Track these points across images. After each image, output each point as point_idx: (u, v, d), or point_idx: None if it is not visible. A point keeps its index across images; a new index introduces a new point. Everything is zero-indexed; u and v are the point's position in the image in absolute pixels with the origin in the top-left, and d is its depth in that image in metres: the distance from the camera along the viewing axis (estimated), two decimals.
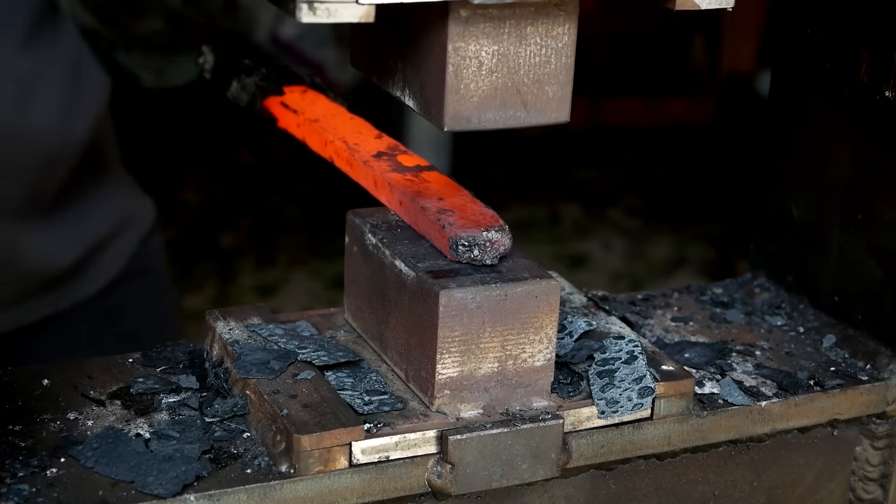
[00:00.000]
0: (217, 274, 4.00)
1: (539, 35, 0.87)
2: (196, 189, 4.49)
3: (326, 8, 0.77)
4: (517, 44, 0.86)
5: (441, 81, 0.86)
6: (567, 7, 0.86)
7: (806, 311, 1.17)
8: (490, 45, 0.86)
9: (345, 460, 0.88)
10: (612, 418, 0.96)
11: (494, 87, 0.87)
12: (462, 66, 0.85)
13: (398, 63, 0.91)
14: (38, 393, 0.96)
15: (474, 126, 0.88)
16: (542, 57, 0.87)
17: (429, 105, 0.88)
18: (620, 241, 4.39)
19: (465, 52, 0.85)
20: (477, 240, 0.93)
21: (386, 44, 0.90)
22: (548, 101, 0.89)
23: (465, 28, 0.84)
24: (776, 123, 1.19)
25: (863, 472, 1.09)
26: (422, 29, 0.86)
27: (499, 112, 0.88)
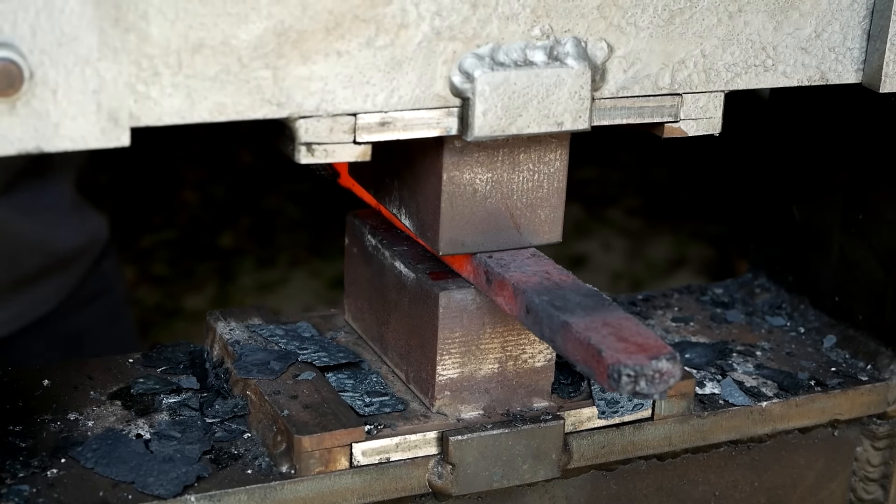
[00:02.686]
0: (217, 274, 4.00)
1: (532, 162, 0.89)
2: (196, 189, 4.49)
3: (324, 149, 0.79)
4: (510, 171, 0.89)
5: (436, 208, 0.88)
6: (559, 135, 0.88)
7: (806, 312, 1.17)
8: (484, 172, 0.88)
9: (345, 461, 0.88)
10: (613, 419, 0.96)
11: (488, 213, 0.89)
12: (456, 194, 0.87)
13: (395, 182, 0.93)
14: (39, 393, 0.96)
15: (469, 249, 0.89)
16: (535, 182, 0.90)
17: (424, 228, 0.90)
18: (620, 241, 4.39)
19: (459, 179, 0.87)
20: (644, 370, 0.76)
21: (384, 163, 0.92)
22: (540, 224, 0.91)
23: (459, 157, 0.86)
24: (776, 124, 1.19)
25: (863, 473, 1.09)
26: (418, 155, 0.88)
27: (493, 236, 0.90)
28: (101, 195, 4.31)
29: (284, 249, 4.17)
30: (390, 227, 1.00)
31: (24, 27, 0.68)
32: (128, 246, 4.05)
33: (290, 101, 0.77)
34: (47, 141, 0.70)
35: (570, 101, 0.83)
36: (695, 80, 0.88)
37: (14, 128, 0.69)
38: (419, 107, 0.80)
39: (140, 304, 3.79)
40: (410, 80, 0.79)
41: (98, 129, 0.71)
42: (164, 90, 0.73)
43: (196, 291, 3.88)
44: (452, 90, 0.81)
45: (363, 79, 0.78)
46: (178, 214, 4.34)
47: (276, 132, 0.80)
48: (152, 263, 4.03)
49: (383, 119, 0.80)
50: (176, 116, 0.74)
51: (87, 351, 1.56)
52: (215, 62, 0.74)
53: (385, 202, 0.95)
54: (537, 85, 0.82)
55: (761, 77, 0.90)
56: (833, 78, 0.92)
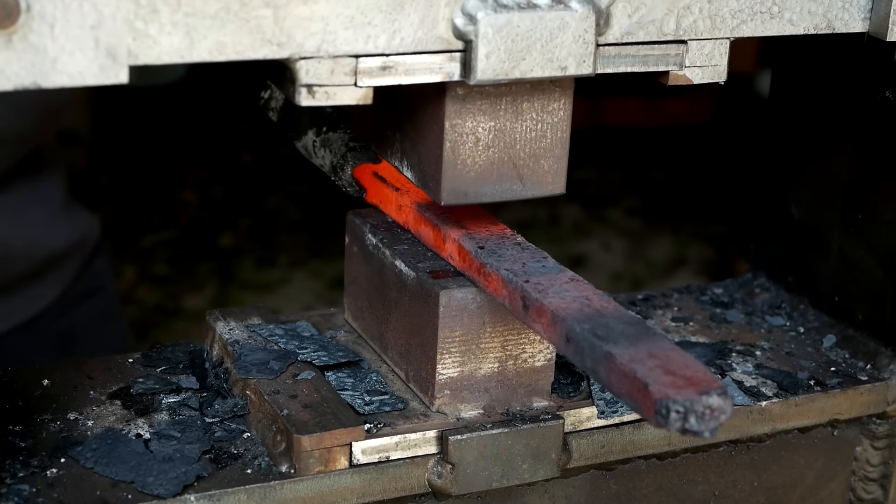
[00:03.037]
0: (217, 274, 4.00)
1: (535, 110, 0.88)
2: (196, 189, 4.50)
3: (325, 91, 0.78)
4: (513, 119, 0.88)
5: (438, 157, 0.87)
6: (562, 83, 0.88)
7: (806, 311, 1.17)
8: (487, 121, 0.87)
9: (345, 460, 0.88)
10: (613, 418, 0.96)
11: (491, 162, 0.88)
12: (459, 143, 0.87)
13: (396, 134, 0.92)
14: (39, 393, 0.96)
15: (471, 200, 0.89)
16: (538, 132, 0.89)
17: (426, 178, 0.89)
18: (620, 241, 4.39)
19: (461, 128, 0.87)
20: (694, 406, 0.71)
21: (385, 115, 0.92)
22: (544, 175, 0.90)
23: (461, 105, 0.86)
24: (776, 123, 1.19)
25: (863, 473, 1.09)
26: (419, 104, 0.88)
27: (495, 186, 0.89)
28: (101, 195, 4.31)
29: (284, 249, 4.17)
30: (391, 226, 1.00)
31: None
32: (128, 246, 4.05)
33: (290, 41, 0.76)
34: (45, 76, 0.70)
35: (574, 45, 0.82)
36: (700, 27, 0.87)
37: (11, 62, 0.68)
38: (421, 50, 0.79)
39: (140, 304, 3.80)
40: (412, 21, 0.78)
41: (96, 66, 0.71)
42: (162, 28, 0.72)
43: (196, 291, 3.88)
44: (455, 32, 0.79)
45: (365, 19, 0.77)
46: (178, 214, 4.34)
47: (276, 74, 0.80)
48: (152, 263, 4.03)
49: (385, 63, 0.79)
50: (175, 55, 0.73)
51: (81, 350, 1.56)
52: (215, 0, 0.73)
53: (387, 155, 0.93)
54: (541, 28, 0.81)
55: (767, 24, 0.89)
56: (840, 26, 0.91)
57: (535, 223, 4.32)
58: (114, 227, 4.12)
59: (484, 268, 0.89)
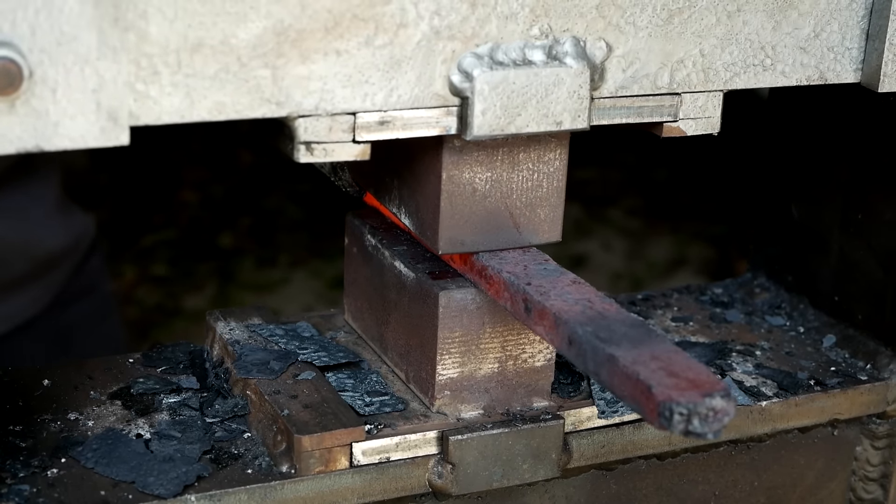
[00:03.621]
0: (217, 274, 4.00)
1: (531, 161, 0.89)
2: (196, 189, 4.49)
3: (324, 148, 0.79)
4: (510, 170, 0.89)
5: (436, 207, 0.88)
6: (558, 134, 0.88)
7: (806, 311, 1.17)
8: (483, 171, 0.88)
9: (345, 461, 0.88)
10: (613, 418, 0.96)
11: (488, 212, 0.89)
12: (456, 193, 0.87)
13: (395, 181, 0.93)
14: (39, 393, 0.96)
15: (468, 249, 0.89)
16: (534, 181, 0.90)
17: (424, 227, 0.90)
18: (620, 241, 4.39)
19: (458, 179, 0.87)
20: (697, 408, 0.72)
21: (384, 162, 0.92)
22: (540, 223, 0.91)
23: (458, 157, 0.86)
24: (776, 124, 1.19)
25: (863, 472, 1.09)
26: (417, 154, 0.88)
27: (492, 235, 0.90)
28: (101, 195, 4.31)
29: (284, 249, 4.17)
30: (390, 227, 1.00)
31: (23, 26, 0.68)
32: (128, 246, 4.05)
33: (289, 100, 0.77)
34: (47, 140, 0.70)
35: (569, 101, 0.83)
36: (693, 80, 0.88)
37: (14, 127, 0.69)
38: (418, 106, 0.80)
39: (140, 304, 3.79)
40: (409, 79, 0.79)
41: (97, 128, 0.71)
42: (163, 89, 0.73)
43: (196, 291, 3.88)
44: (451, 89, 0.81)
45: (362, 78, 0.78)
46: (178, 214, 4.34)
47: (275, 131, 0.81)
48: (152, 263, 4.03)
49: (382, 118, 0.80)
50: (175, 115, 0.74)
51: (76, 349, 1.56)
52: (215, 61, 0.74)
53: (385, 201, 0.95)
54: (536, 84, 0.82)
55: (760, 77, 0.90)
56: (832, 77, 0.92)
57: None
58: (114, 227, 4.12)
59: (486, 270, 0.89)
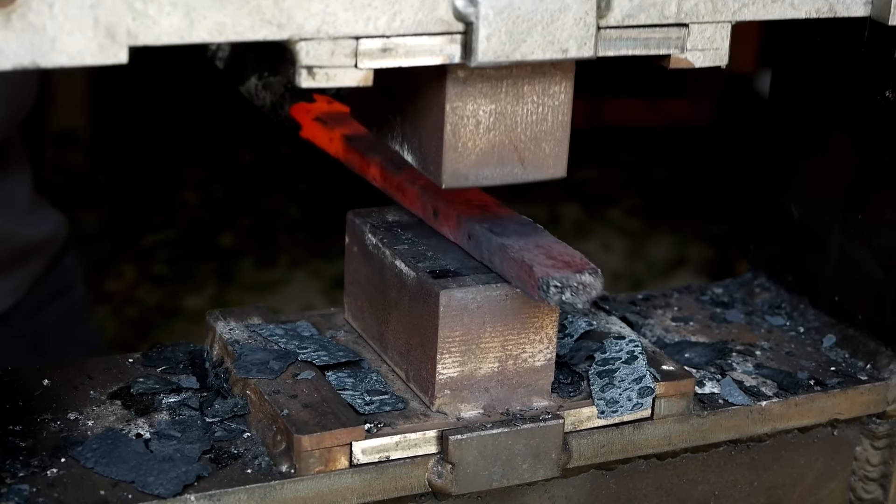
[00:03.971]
0: (217, 274, 4.00)
1: (536, 94, 0.88)
2: (196, 189, 4.50)
3: (325, 73, 0.78)
4: (514, 102, 0.88)
5: (439, 140, 0.87)
6: (563, 66, 0.87)
7: (806, 311, 1.17)
8: (487, 104, 0.87)
9: (345, 460, 0.88)
10: (613, 418, 0.96)
11: (492, 145, 0.88)
12: (460, 126, 0.86)
13: (397, 118, 0.92)
14: (39, 393, 0.96)
15: (472, 183, 0.89)
16: (539, 115, 0.88)
17: (427, 162, 0.89)
18: (620, 241, 4.39)
19: (462, 111, 0.86)
20: (569, 281, 0.87)
21: (385, 98, 0.91)
22: (545, 158, 0.90)
23: (462, 88, 0.85)
24: (776, 123, 1.19)
25: (863, 472, 1.09)
26: (420, 87, 0.87)
27: (496, 169, 0.89)
28: (101, 195, 4.31)
29: (284, 249, 4.17)
30: (391, 226, 1.00)
31: None
32: (128, 246, 4.05)
33: (290, 22, 0.75)
34: (44, 56, 0.69)
35: (575, 28, 0.82)
36: (702, 10, 0.86)
37: (10, 42, 0.68)
38: (421, 32, 0.78)
39: (140, 304, 3.80)
40: (413, 2, 0.77)
41: (95, 45, 0.70)
42: (162, 8, 0.71)
43: (196, 291, 3.88)
44: (455, 14, 0.79)
45: (365, 1, 0.76)
46: (178, 214, 4.34)
47: (277, 56, 0.79)
48: (152, 263, 4.03)
49: (385, 45, 0.78)
50: (175, 36, 0.72)
51: (51, 349, 1.56)
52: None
53: (387, 139, 0.93)
54: (542, 10, 0.80)
55: (769, 8, 0.88)
56: (841, 10, 0.90)
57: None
58: (114, 227, 4.12)
59: (402, 185, 0.98)
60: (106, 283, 3.87)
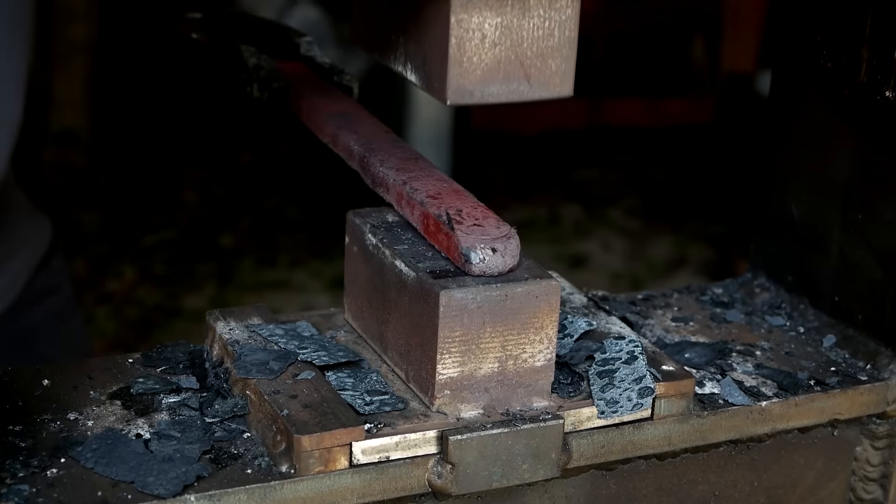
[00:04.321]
0: (217, 274, 4.00)
1: (542, 7, 0.86)
2: (196, 189, 4.50)
3: None
4: (520, 16, 0.85)
5: (444, 54, 0.85)
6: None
7: (806, 311, 1.17)
8: (493, 17, 0.85)
9: (345, 460, 0.88)
10: (612, 418, 0.96)
11: (497, 60, 0.86)
12: (465, 39, 0.84)
13: (400, 37, 0.90)
14: (38, 393, 0.96)
15: (477, 100, 0.87)
16: (546, 30, 0.86)
17: (431, 79, 0.87)
18: (620, 241, 4.39)
19: (467, 24, 0.84)
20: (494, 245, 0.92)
21: (387, 18, 0.90)
22: (551, 75, 0.88)
23: (467, 0, 0.84)
24: (776, 123, 1.19)
25: (863, 472, 1.09)
26: (424, 1, 0.86)
27: (502, 86, 0.87)
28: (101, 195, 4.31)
29: (284, 249, 4.17)
30: (391, 226, 1.00)
31: None
32: (128, 246, 4.05)
33: None
34: None
35: None
36: None
37: None
38: None
39: (140, 304, 3.80)
40: None
41: None
42: None
43: (196, 291, 3.88)
44: None
45: None
46: (178, 214, 4.34)
47: None
48: (152, 263, 4.03)
49: None
50: None
51: (40, 350, 1.56)
52: None
53: (390, 61, 0.92)
54: None
55: None
56: None
57: (535, 223, 4.32)
58: (114, 227, 4.12)
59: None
60: (106, 283, 3.87)
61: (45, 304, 1.59)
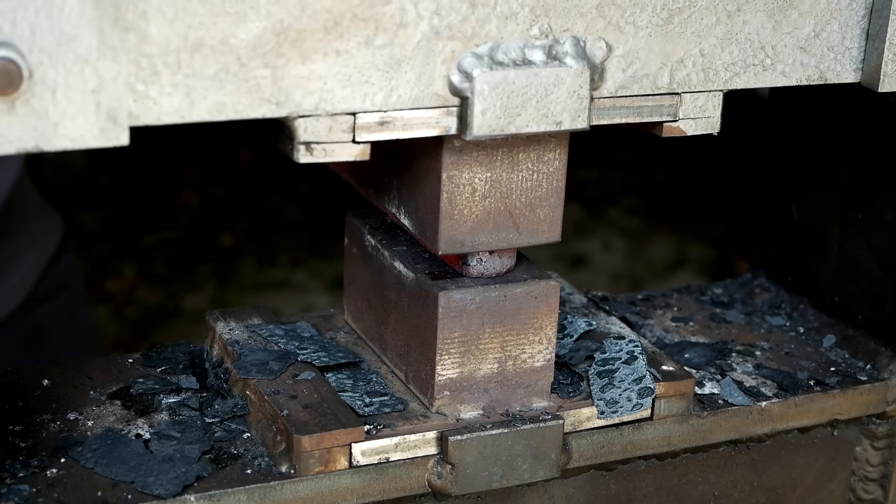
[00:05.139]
0: (217, 274, 4.00)
1: (531, 161, 0.89)
2: (196, 189, 4.49)
3: (323, 149, 0.79)
4: (509, 170, 0.89)
5: (435, 207, 0.88)
6: (558, 134, 0.88)
7: (806, 312, 1.17)
8: (483, 172, 0.88)
9: (345, 461, 0.88)
10: (612, 418, 0.96)
11: (487, 212, 0.89)
12: (456, 193, 0.87)
13: (394, 182, 0.93)
14: (38, 393, 0.96)
15: (468, 249, 0.90)
16: (534, 181, 0.90)
17: (424, 227, 0.90)
18: (620, 241, 4.39)
19: (458, 179, 0.87)
20: None
21: (383, 163, 0.92)
22: (539, 223, 0.91)
23: (458, 157, 0.86)
24: (776, 124, 1.19)
25: (863, 472, 1.09)
26: (417, 155, 0.88)
27: (492, 235, 0.90)
28: (101, 195, 4.31)
29: (284, 249, 4.17)
30: (390, 228, 1.00)
31: (23, 26, 0.68)
32: (128, 246, 4.05)
33: (289, 100, 0.77)
34: (46, 140, 0.70)
35: (568, 101, 0.83)
36: (693, 80, 0.88)
37: (13, 127, 0.69)
38: (418, 106, 0.80)
39: (140, 304, 3.80)
40: (409, 79, 0.79)
41: (97, 129, 0.71)
42: (163, 89, 0.73)
43: (196, 291, 3.88)
44: (451, 89, 0.81)
45: (362, 78, 0.78)
46: (178, 214, 4.34)
47: (275, 131, 0.81)
48: (152, 263, 4.03)
49: (382, 119, 0.80)
50: (175, 116, 0.74)
51: (49, 346, 1.56)
52: (214, 61, 0.74)
53: (384, 201, 0.95)
54: (536, 84, 0.82)
55: (760, 76, 0.90)
56: (832, 77, 0.92)
57: None
58: (114, 227, 4.12)
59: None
60: (106, 283, 3.87)
61: (56, 301, 1.59)
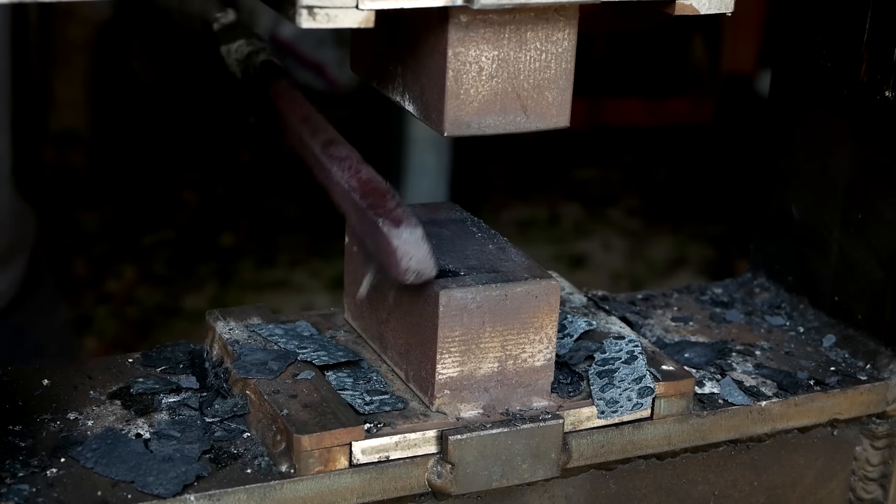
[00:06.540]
0: (217, 274, 4.00)
1: (539, 40, 0.87)
2: (196, 189, 4.49)
3: (326, 13, 0.77)
4: (517, 49, 0.87)
5: (441, 86, 0.86)
6: (567, 12, 0.86)
7: (806, 311, 1.17)
8: (490, 50, 0.86)
9: (345, 460, 0.88)
10: (612, 418, 0.96)
11: (494, 93, 0.87)
12: (462, 72, 0.85)
13: (398, 67, 0.91)
14: (38, 393, 0.96)
15: (474, 131, 0.87)
16: (542, 62, 0.88)
17: (428, 110, 0.88)
18: (620, 241, 4.39)
19: (465, 57, 0.85)
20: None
21: (386, 48, 0.90)
22: (548, 106, 0.89)
23: (465, 33, 0.84)
24: (776, 123, 1.19)
25: (863, 472, 1.09)
26: (422, 34, 0.86)
27: (499, 117, 0.88)
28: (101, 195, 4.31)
29: (284, 249, 4.17)
30: None
31: None
32: (128, 246, 4.05)
33: None
34: None
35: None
36: None
37: None
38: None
39: (140, 304, 3.80)
40: None
41: None
42: None
43: (196, 291, 3.88)
44: None
45: None
46: (178, 214, 4.34)
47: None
48: (152, 263, 4.03)
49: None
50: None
51: (32, 341, 1.56)
52: None
53: (388, 90, 0.92)
54: None
55: None
56: None
57: (535, 223, 4.32)
58: (114, 227, 4.12)
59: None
60: (106, 283, 3.87)
61: (34, 297, 1.59)
